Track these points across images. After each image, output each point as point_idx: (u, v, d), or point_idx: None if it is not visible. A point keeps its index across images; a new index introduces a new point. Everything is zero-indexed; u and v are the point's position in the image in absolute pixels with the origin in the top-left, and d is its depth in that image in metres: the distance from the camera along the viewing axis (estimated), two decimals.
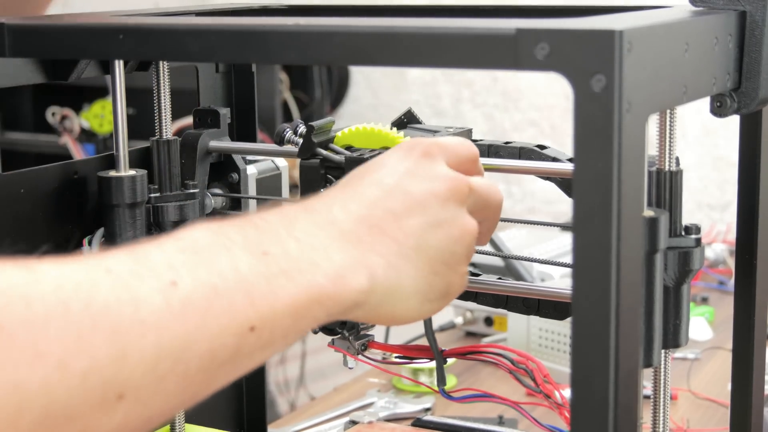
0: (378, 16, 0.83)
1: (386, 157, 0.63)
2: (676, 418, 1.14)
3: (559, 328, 1.26)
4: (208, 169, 0.87)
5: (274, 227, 0.57)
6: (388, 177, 0.61)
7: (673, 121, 0.65)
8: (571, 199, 0.54)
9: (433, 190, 0.61)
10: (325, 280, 0.56)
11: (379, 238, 0.59)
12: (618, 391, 0.52)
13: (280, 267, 0.54)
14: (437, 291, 0.61)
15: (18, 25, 0.66)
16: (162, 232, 0.82)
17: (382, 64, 0.60)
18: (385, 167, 0.62)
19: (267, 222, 0.57)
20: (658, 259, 0.63)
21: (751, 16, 0.66)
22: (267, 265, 0.54)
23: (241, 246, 0.54)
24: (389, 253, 0.59)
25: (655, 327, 0.64)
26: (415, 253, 0.60)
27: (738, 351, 0.75)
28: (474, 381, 1.26)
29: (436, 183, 0.61)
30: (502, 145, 0.75)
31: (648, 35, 0.53)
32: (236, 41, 0.60)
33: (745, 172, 0.73)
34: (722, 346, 1.36)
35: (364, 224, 0.59)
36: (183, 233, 0.55)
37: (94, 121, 2.60)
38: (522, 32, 0.52)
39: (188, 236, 0.54)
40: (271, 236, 0.56)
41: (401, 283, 0.59)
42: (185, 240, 0.54)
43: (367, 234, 0.59)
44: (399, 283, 0.59)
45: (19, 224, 0.77)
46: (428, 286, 0.61)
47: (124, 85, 0.79)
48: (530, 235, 1.58)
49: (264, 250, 0.55)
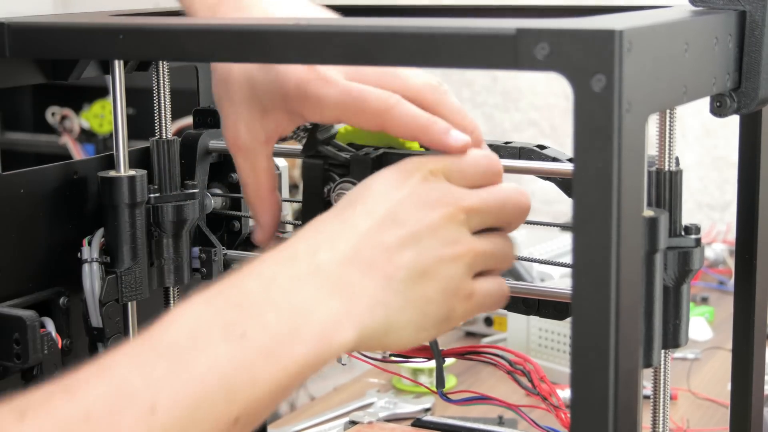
0: (378, 16, 0.83)
1: (382, 181, 0.61)
2: (676, 418, 1.14)
3: (559, 328, 1.26)
4: (208, 169, 0.87)
5: (251, 298, 0.56)
6: (381, 206, 0.59)
7: (673, 121, 0.65)
8: (571, 199, 0.54)
9: (429, 222, 0.59)
10: (307, 347, 0.55)
11: (368, 276, 0.57)
12: (618, 391, 0.52)
13: (259, 348, 0.54)
14: (434, 318, 0.59)
15: (18, 25, 0.66)
16: (162, 232, 0.82)
17: (382, 64, 0.60)
18: (379, 195, 0.60)
19: (244, 293, 0.56)
20: (657, 259, 0.63)
21: (751, 16, 0.66)
22: (246, 351, 0.54)
23: (220, 334, 0.54)
24: (377, 289, 0.57)
25: (655, 327, 0.64)
26: (405, 285, 0.58)
27: (738, 351, 0.75)
28: (474, 381, 1.26)
29: (432, 213, 0.59)
30: (502, 145, 0.75)
31: (648, 35, 0.53)
32: (236, 41, 0.60)
33: (745, 172, 0.73)
34: (722, 346, 1.36)
35: (353, 265, 0.57)
36: (162, 331, 0.54)
37: (94, 121, 2.60)
38: (522, 32, 0.52)
39: (167, 336, 0.54)
40: (250, 311, 0.55)
41: (390, 319, 0.58)
42: (163, 343, 0.54)
43: (356, 274, 0.57)
44: (388, 319, 0.58)
45: (19, 224, 0.77)
46: (422, 315, 0.59)
47: (124, 85, 0.79)
48: (530, 235, 1.58)
49: (242, 331, 0.54)
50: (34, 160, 2.63)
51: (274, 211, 0.72)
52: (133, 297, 0.81)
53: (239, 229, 0.88)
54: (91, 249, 0.79)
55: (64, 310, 0.79)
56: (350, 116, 0.65)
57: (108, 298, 0.79)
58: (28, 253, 0.78)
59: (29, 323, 0.73)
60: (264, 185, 0.71)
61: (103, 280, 0.79)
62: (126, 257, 0.80)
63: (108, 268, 0.79)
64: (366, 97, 0.63)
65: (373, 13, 0.84)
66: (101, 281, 0.79)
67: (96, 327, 0.79)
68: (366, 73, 0.64)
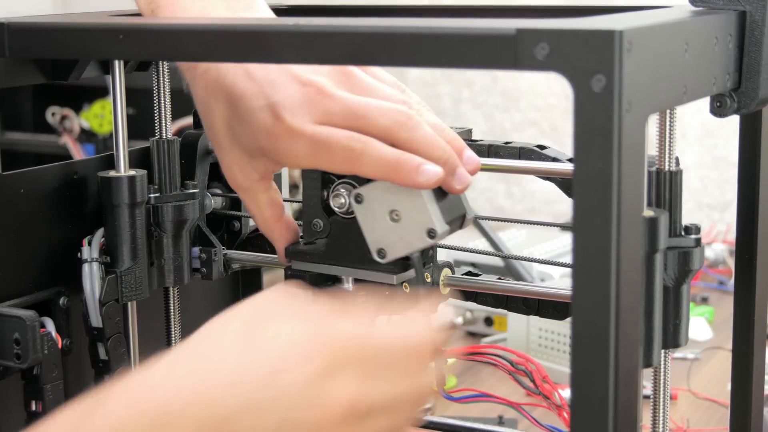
0: (378, 16, 0.83)
1: (278, 375, 0.54)
2: (676, 418, 1.14)
3: (559, 328, 1.26)
4: (208, 169, 0.87)
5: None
6: (270, 418, 0.53)
7: (673, 121, 0.65)
8: (571, 199, 0.54)
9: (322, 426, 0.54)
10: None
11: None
12: (618, 391, 0.52)
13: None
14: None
15: (18, 25, 0.66)
16: (162, 232, 0.82)
17: (382, 64, 0.60)
18: (268, 393, 0.54)
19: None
20: (658, 259, 0.63)
21: (751, 16, 0.66)
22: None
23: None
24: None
25: (655, 327, 0.64)
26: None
27: (738, 351, 0.75)
28: (474, 381, 1.26)
29: (327, 416, 0.54)
30: (502, 145, 0.75)
31: (648, 35, 0.53)
32: (236, 41, 0.60)
33: (745, 172, 0.73)
34: (722, 346, 1.36)
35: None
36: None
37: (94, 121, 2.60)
38: (522, 32, 0.52)
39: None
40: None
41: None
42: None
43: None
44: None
45: (19, 224, 0.77)
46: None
47: (124, 85, 0.79)
48: (530, 235, 1.58)
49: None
50: (34, 160, 2.63)
51: (286, 237, 0.72)
52: (133, 297, 0.81)
53: (239, 229, 0.88)
54: (91, 249, 0.79)
55: (64, 310, 0.79)
56: (322, 163, 0.65)
57: (108, 298, 0.79)
58: (28, 253, 0.78)
59: (29, 323, 0.73)
60: (269, 217, 0.72)
61: (103, 280, 0.79)
62: (126, 257, 0.80)
63: (108, 268, 0.80)
64: (333, 145, 0.63)
65: (373, 13, 0.84)
66: (101, 281, 0.79)
67: (96, 327, 0.79)
68: (334, 114, 0.64)
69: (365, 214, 0.68)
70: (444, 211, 0.67)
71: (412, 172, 0.63)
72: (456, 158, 0.66)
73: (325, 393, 0.55)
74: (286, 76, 0.64)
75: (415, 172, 0.63)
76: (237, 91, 0.66)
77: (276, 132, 0.65)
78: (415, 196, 0.66)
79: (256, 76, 0.65)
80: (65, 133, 2.56)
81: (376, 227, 0.67)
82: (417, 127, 0.65)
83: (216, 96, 0.67)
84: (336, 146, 0.63)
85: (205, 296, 0.95)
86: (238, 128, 0.67)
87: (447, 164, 0.65)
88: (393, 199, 0.66)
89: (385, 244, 0.67)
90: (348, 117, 0.64)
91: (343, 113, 0.64)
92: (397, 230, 0.67)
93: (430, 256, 0.73)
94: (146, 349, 0.84)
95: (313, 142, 0.64)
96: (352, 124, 0.64)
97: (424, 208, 0.66)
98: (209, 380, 0.54)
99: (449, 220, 0.67)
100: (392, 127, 0.64)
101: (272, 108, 0.64)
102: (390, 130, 0.64)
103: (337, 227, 0.70)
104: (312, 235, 0.71)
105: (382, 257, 0.68)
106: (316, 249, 0.71)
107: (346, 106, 0.64)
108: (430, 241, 0.66)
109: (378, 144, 0.64)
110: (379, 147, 0.64)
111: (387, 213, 0.67)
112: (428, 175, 0.63)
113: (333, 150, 0.63)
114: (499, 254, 0.96)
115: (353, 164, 0.64)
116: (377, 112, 0.64)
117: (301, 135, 0.64)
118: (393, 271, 0.69)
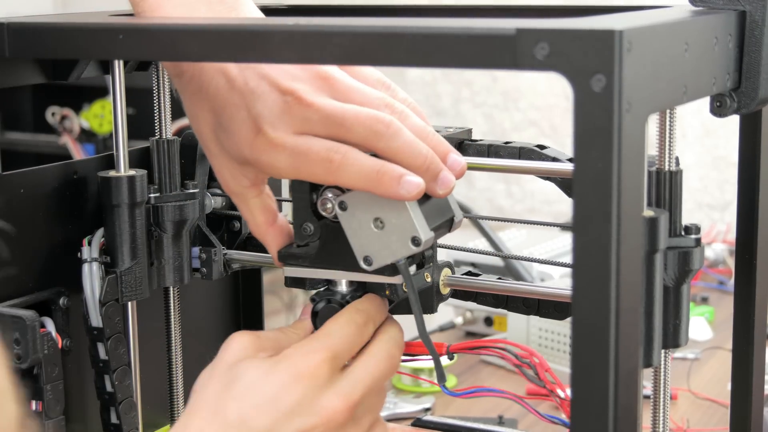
0: (378, 16, 0.83)
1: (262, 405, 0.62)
2: (676, 418, 1.14)
3: (559, 328, 1.26)
4: (208, 169, 0.87)
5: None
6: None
7: (673, 121, 0.65)
8: (571, 199, 0.54)
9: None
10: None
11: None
12: (618, 391, 0.52)
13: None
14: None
15: (18, 25, 0.66)
16: (162, 232, 0.82)
17: (382, 64, 0.59)
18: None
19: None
20: (658, 259, 0.63)
21: (751, 16, 0.66)
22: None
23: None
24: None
25: (655, 327, 0.64)
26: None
27: (738, 351, 0.75)
28: (474, 381, 1.26)
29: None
30: (502, 145, 0.75)
31: (648, 35, 0.53)
32: (236, 41, 0.60)
33: (745, 172, 0.73)
34: (722, 346, 1.36)
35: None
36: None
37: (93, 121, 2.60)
38: (522, 32, 0.52)
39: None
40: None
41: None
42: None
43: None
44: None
45: (19, 224, 0.77)
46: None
47: (124, 85, 0.79)
48: (530, 235, 1.58)
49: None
50: (34, 160, 2.63)
51: (279, 242, 0.72)
52: (133, 297, 0.81)
53: (239, 229, 0.88)
54: (91, 249, 0.79)
55: (64, 310, 0.79)
56: (303, 174, 0.65)
57: (108, 298, 0.79)
58: (28, 253, 0.78)
59: (29, 323, 0.73)
60: (261, 222, 0.72)
61: (103, 280, 0.79)
62: (126, 257, 0.80)
63: (108, 268, 0.80)
64: (312, 156, 0.63)
65: (373, 13, 0.84)
66: (101, 281, 0.79)
67: (96, 327, 0.79)
68: (314, 122, 0.64)
69: (350, 222, 0.67)
70: (429, 217, 0.66)
71: (392, 183, 0.63)
72: (438, 163, 0.65)
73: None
74: (266, 84, 0.64)
75: (396, 184, 0.63)
76: (219, 102, 0.66)
77: (258, 145, 0.65)
78: (398, 203, 0.65)
79: (237, 85, 0.65)
80: (65, 133, 2.57)
81: (361, 235, 0.67)
82: (396, 135, 0.64)
83: (201, 106, 0.68)
84: (315, 158, 0.63)
85: (205, 296, 0.95)
86: (223, 138, 0.67)
87: (428, 171, 0.64)
88: (376, 207, 0.66)
89: (370, 251, 0.67)
90: (328, 125, 0.64)
91: (323, 122, 0.64)
92: (381, 238, 0.66)
93: (429, 256, 0.73)
94: (146, 349, 0.84)
95: (294, 154, 0.64)
96: (332, 132, 0.64)
97: (407, 216, 0.65)
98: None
99: (435, 225, 0.67)
100: (370, 136, 0.64)
101: (254, 120, 0.64)
102: (368, 138, 0.64)
103: (327, 231, 0.69)
104: (303, 238, 0.71)
105: (369, 264, 0.67)
106: (308, 252, 0.71)
107: (325, 115, 0.64)
108: (415, 249, 0.66)
109: (358, 155, 0.64)
110: (358, 158, 0.63)
111: (371, 221, 0.66)
112: (409, 187, 0.63)
113: (312, 161, 0.63)
114: (499, 254, 0.96)
115: (333, 175, 0.64)
116: (355, 119, 0.64)
117: (281, 147, 0.64)
118: (389, 273, 0.69)
